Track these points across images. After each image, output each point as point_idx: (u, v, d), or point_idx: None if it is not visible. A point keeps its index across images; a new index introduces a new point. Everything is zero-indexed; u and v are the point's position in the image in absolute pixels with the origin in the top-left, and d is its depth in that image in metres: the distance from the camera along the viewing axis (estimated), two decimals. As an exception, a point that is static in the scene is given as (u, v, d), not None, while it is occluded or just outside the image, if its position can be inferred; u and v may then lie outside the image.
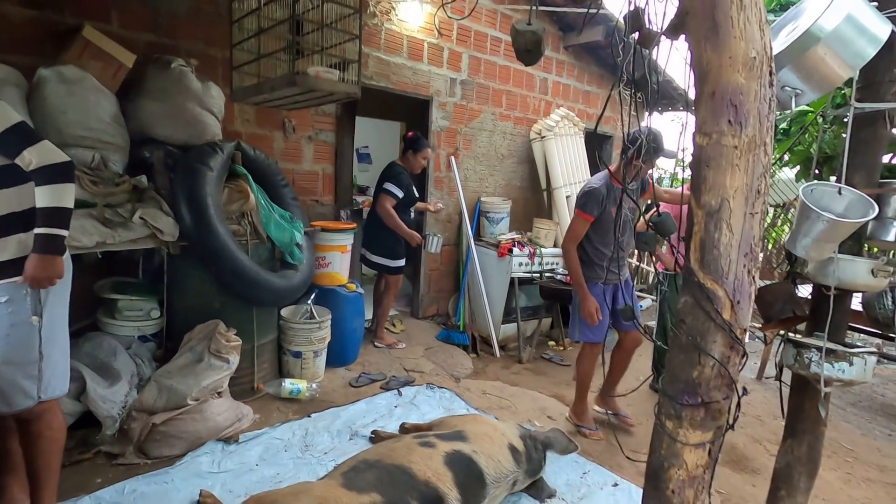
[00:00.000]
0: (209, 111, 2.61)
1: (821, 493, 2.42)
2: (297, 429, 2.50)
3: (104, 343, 2.32)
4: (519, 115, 4.83)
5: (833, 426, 3.12)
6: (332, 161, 3.68)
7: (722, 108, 0.89)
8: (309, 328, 2.96)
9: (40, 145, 1.47)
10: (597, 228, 2.65)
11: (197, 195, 2.40)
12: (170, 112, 2.48)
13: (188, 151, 2.54)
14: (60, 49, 2.30)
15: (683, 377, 0.96)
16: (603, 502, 2.17)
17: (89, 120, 2.22)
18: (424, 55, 4.00)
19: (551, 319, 4.53)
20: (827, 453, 2.59)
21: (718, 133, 0.90)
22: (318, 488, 1.64)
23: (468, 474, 1.83)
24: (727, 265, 0.92)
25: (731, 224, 0.91)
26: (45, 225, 1.47)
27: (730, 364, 0.94)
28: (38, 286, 1.49)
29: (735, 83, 0.89)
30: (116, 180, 2.28)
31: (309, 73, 2.30)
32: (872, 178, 1.67)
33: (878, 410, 3.65)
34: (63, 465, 1.77)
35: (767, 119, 0.88)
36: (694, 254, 0.94)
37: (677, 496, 0.95)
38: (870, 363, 1.56)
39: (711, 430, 0.96)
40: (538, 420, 2.91)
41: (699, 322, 0.95)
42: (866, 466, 2.83)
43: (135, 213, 2.27)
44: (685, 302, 0.95)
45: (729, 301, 0.92)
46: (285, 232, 2.78)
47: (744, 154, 0.89)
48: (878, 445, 3.09)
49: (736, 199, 0.91)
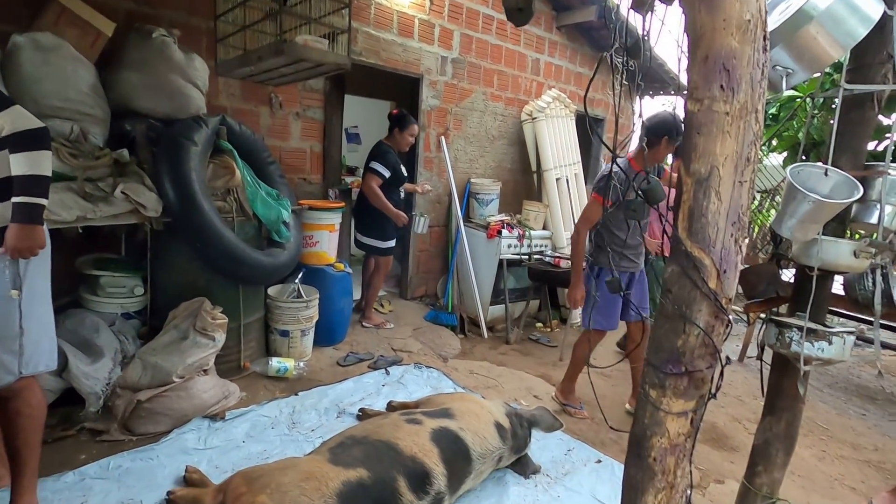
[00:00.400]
0: (193, 84, 2.54)
1: (797, 470, 2.50)
2: (285, 406, 2.51)
3: (86, 320, 2.29)
4: (510, 96, 4.79)
5: (810, 406, 3.21)
6: (321, 139, 3.62)
7: (714, 72, 0.88)
8: (296, 307, 2.95)
9: (12, 110, 1.41)
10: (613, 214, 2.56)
11: (181, 170, 2.35)
12: (152, 84, 2.41)
13: (171, 125, 2.47)
14: (35, 15, 2.21)
15: (668, 346, 0.97)
16: (586, 478, 2.21)
17: (67, 90, 2.14)
18: (415, 32, 3.92)
19: (539, 301, 4.56)
20: (803, 432, 2.67)
21: (710, 99, 0.89)
22: (305, 463, 1.64)
23: (454, 450, 1.85)
24: (715, 234, 0.92)
25: (720, 192, 0.91)
26: (24, 194, 1.43)
27: (714, 333, 0.95)
28: (20, 256, 1.45)
29: (728, 47, 0.88)
30: (97, 153, 2.22)
31: (297, 42, 2.24)
32: (859, 160, 1.69)
33: (854, 391, 3.76)
34: (46, 441, 1.75)
35: (760, 85, 0.88)
36: (682, 222, 0.94)
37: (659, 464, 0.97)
38: (848, 342, 1.59)
39: (694, 399, 0.98)
40: (524, 399, 2.95)
41: (685, 291, 0.95)
42: (840, 444, 2.92)
43: (116, 187, 2.21)
44: (672, 271, 0.95)
45: (715, 270, 0.93)
46: (272, 210, 2.74)
47: (735, 121, 0.89)
48: (852, 424, 3.19)
49: (726, 166, 0.91)
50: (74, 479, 1.84)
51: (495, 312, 4.22)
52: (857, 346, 4.31)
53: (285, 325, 2.94)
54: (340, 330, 3.40)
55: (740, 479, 2.03)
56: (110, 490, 1.81)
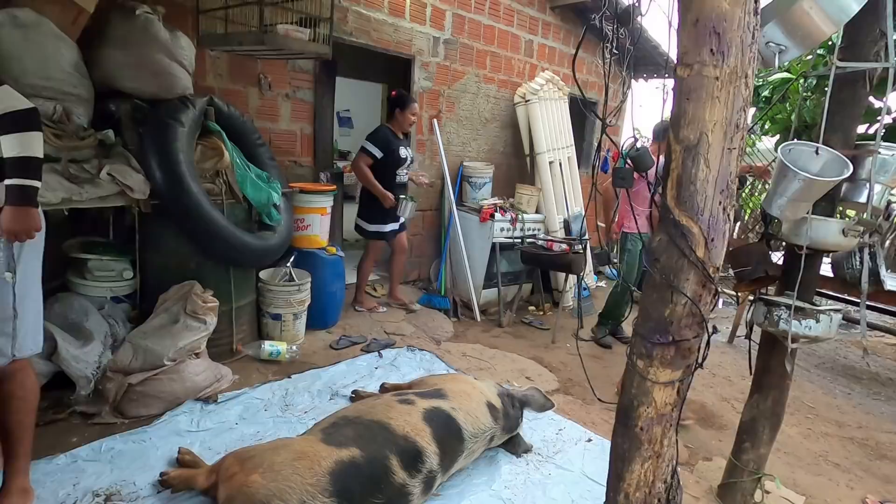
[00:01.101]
0: (179, 63, 2.48)
1: (782, 447, 2.55)
2: (277, 389, 2.51)
3: (75, 303, 2.27)
4: (503, 78, 4.73)
5: (797, 386, 3.27)
6: (311, 121, 3.57)
7: (704, 36, 0.86)
8: (288, 290, 2.94)
9: (0, 90, 1.38)
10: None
11: (168, 151, 2.31)
12: (136, 63, 2.35)
13: (158, 105, 2.42)
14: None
15: (655, 316, 0.97)
16: (577, 456, 2.25)
17: (49, 69, 2.09)
18: (406, 11, 3.85)
19: (532, 285, 4.57)
20: (790, 410, 2.71)
21: (700, 63, 0.87)
22: (298, 443, 1.65)
23: (446, 430, 1.86)
24: (703, 202, 0.92)
25: (709, 159, 0.90)
26: (16, 176, 1.41)
27: (701, 302, 0.95)
28: (17, 239, 1.44)
29: (719, 9, 0.86)
30: (81, 134, 2.17)
31: (278, 31, 2.18)
32: (849, 140, 1.69)
33: (840, 371, 3.83)
34: (38, 424, 1.75)
35: (750, 49, 0.86)
36: (670, 191, 0.93)
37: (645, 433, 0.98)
38: (835, 320, 1.61)
39: (681, 369, 0.98)
40: (516, 381, 2.97)
41: (673, 260, 0.95)
42: (825, 422, 2.97)
43: (102, 169, 2.18)
44: (660, 240, 0.95)
45: (703, 238, 0.92)
46: (262, 192, 2.71)
47: (724, 86, 0.87)
48: (838, 403, 3.25)
49: (715, 133, 0.90)
50: (66, 462, 1.84)
51: (488, 296, 4.23)
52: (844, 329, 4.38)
53: (277, 308, 2.93)
54: (333, 313, 3.40)
55: (728, 457, 2.07)
56: (102, 472, 1.81)
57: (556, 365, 3.29)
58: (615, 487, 1.12)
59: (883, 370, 3.94)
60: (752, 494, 1.96)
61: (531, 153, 4.73)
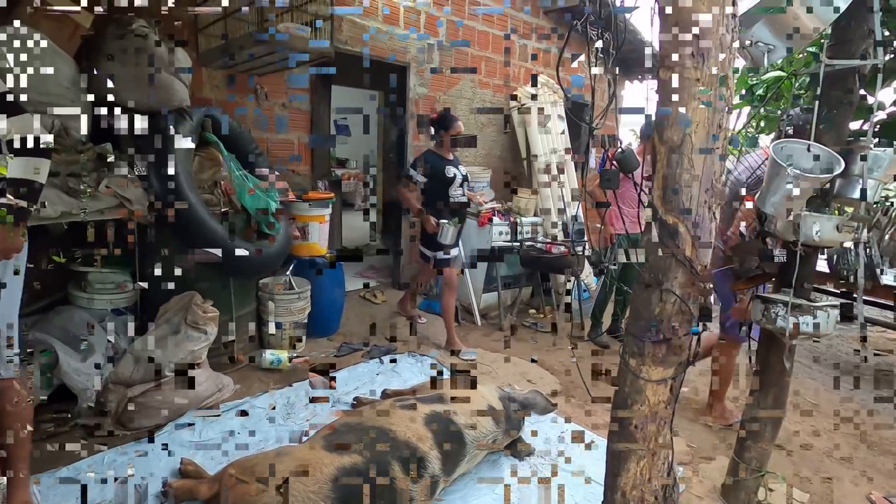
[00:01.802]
0: (176, 76, 2.50)
1: (786, 444, 2.54)
2: (279, 397, 2.51)
3: (75, 316, 2.28)
4: (498, 83, 4.76)
5: (798, 383, 3.26)
6: (308, 129, 3.60)
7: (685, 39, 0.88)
8: (288, 299, 2.94)
9: (22, 117, 1.41)
10: None
11: (166, 164, 2.32)
12: (133, 77, 2.37)
13: (155, 118, 2.44)
14: (10, 8, 2.16)
15: (646, 315, 0.98)
16: (579, 459, 2.24)
17: (46, 84, 2.10)
18: (400, 19, 3.88)
19: (532, 288, 4.58)
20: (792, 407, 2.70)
21: (681, 67, 0.89)
22: (300, 451, 1.65)
23: (448, 434, 1.86)
24: (688, 201, 0.93)
25: (693, 159, 0.92)
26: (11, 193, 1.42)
27: (690, 300, 0.96)
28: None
29: (698, 13, 0.87)
30: (79, 148, 2.19)
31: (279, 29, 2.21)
32: (841, 136, 1.70)
33: (842, 367, 3.82)
34: (41, 438, 1.75)
35: (730, 50, 0.88)
36: (657, 191, 0.95)
37: (640, 431, 0.99)
38: (832, 316, 1.62)
39: (673, 366, 0.99)
40: (518, 384, 2.97)
41: (661, 259, 0.96)
42: (828, 419, 2.96)
43: (101, 182, 2.19)
44: (648, 240, 0.96)
45: (690, 237, 0.94)
46: (260, 201, 2.72)
47: (706, 87, 0.89)
48: (840, 399, 3.24)
49: (698, 133, 0.91)
50: (69, 474, 1.84)
51: (488, 300, 4.23)
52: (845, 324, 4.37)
53: (278, 316, 2.93)
54: (334, 321, 3.40)
55: (730, 456, 2.07)
56: (105, 485, 1.81)
57: (558, 367, 3.29)
58: (612, 486, 1.13)
59: (885, 365, 3.94)
60: (755, 492, 1.96)
61: (528, 156, 4.74)
